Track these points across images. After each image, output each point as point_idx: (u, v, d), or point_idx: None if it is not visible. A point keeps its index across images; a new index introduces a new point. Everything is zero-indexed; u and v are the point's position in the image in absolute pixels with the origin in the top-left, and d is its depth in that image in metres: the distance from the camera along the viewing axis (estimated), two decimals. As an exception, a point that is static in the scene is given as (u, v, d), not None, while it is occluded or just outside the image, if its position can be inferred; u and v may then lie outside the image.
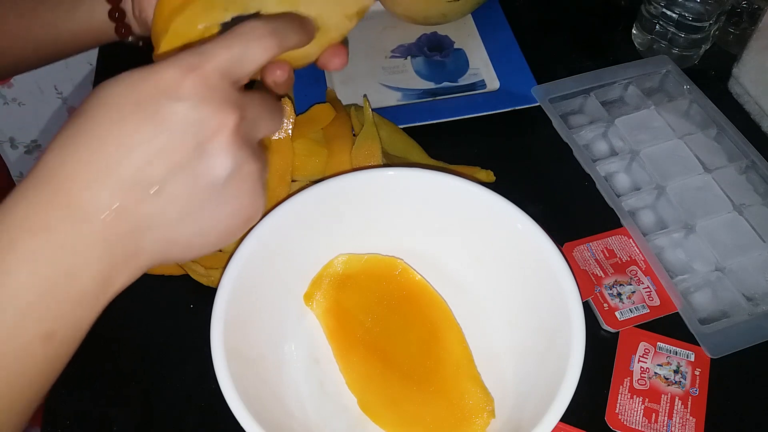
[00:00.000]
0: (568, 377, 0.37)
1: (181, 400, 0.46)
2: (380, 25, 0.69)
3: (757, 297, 0.49)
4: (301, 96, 0.60)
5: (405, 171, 0.46)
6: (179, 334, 0.48)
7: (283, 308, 0.45)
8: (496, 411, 0.42)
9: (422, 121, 0.59)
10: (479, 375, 0.44)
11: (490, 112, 0.61)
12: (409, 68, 0.65)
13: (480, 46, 0.67)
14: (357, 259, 0.48)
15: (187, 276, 0.49)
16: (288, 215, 0.44)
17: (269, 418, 0.37)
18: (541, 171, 0.58)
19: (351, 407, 0.43)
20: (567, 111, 0.61)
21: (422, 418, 0.42)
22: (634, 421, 0.44)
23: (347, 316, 0.46)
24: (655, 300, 0.49)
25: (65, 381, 0.46)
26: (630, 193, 0.55)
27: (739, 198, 0.54)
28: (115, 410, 0.45)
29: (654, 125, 0.58)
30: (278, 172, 0.50)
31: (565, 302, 0.40)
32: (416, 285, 0.47)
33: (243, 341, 0.40)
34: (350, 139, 0.52)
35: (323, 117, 0.53)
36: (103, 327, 0.49)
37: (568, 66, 0.63)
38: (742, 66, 0.61)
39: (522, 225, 0.43)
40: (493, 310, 0.46)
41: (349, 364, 0.44)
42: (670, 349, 0.47)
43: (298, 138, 0.51)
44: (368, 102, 0.54)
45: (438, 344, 0.45)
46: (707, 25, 0.61)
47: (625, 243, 0.52)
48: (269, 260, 0.43)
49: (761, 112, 0.60)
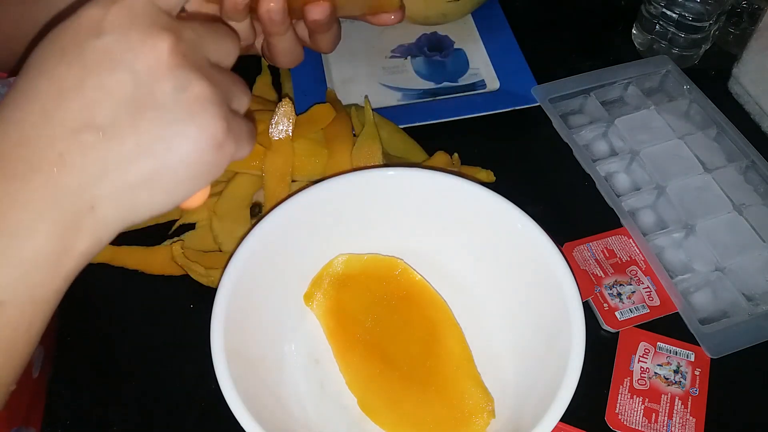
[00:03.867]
0: (568, 377, 0.37)
1: (181, 400, 0.46)
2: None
3: (757, 297, 0.49)
4: (301, 96, 0.60)
5: (405, 171, 0.46)
6: (179, 334, 0.48)
7: (283, 308, 0.45)
8: (496, 411, 0.42)
9: (422, 121, 0.59)
10: (479, 375, 0.44)
11: (490, 112, 0.61)
12: (409, 68, 0.65)
13: (480, 46, 0.67)
14: (357, 259, 0.48)
15: (187, 276, 0.49)
16: (288, 215, 0.44)
17: (269, 418, 0.37)
18: (541, 171, 0.58)
19: (351, 407, 0.43)
20: (567, 111, 0.61)
21: (422, 418, 0.42)
22: (634, 421, 0.44)
23: (347, 316, 0.46)
24: (655, 300, 0.49)
25: (65, 381, 0.46)
26: (630, 193, 0.55)
27: (739, 198, 0.54)
28: (115, 410, 0.45)
29: (654, 125, 0.58)
30: (278, 172, 0.50)
31: (565, 302, 0.40)
32: (416, 285, 0.47)
33: (243, 341, 0.40)
34: (350, 139, 0.52)
35: (323, 117, 0.53)
36: (103, 327, 0.50)
37: (568, 66, 0.63)
38: (742, 66, 0.61)
39: (522, 225, 0.43)
40: (493, 310, 0.46)
41: (349, 364, 0.44)
42: (670, 349, 0.47)
43: (298, 138, 0.51)
44: (369, 102, 0.54)
45: (438, 344, 0.45)
46: (707, 25, 0.61)
47: (625, 243, 0.52)
48: (269, 260, 0.43)
49: (761, 112, 0.60)
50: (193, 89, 0.28)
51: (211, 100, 0.28)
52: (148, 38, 0.27)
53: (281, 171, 0.50)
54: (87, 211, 0.27)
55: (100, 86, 0.27)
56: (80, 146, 0.26)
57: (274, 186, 0.50)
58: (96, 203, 0.27)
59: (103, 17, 0.27)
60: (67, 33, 0.27)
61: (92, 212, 0.27)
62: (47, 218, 0.26)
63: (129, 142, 0.27)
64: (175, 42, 0.27)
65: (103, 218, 0.28)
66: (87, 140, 0.26)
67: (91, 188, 0.27)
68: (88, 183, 0.27)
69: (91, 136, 0.26)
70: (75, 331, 0.49)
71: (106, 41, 0.27)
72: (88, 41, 0.27)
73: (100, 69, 0.27)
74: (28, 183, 0.26)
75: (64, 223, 0.27)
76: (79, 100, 0.26)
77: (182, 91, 0.27)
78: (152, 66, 0.27)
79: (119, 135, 0.27)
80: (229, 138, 0.29)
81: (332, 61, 0.65)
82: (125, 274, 0.50)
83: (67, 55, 0.27)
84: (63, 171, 0.26)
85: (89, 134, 0.26)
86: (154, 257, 0.51)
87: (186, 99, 0.28)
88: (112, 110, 0.27)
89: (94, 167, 0.27)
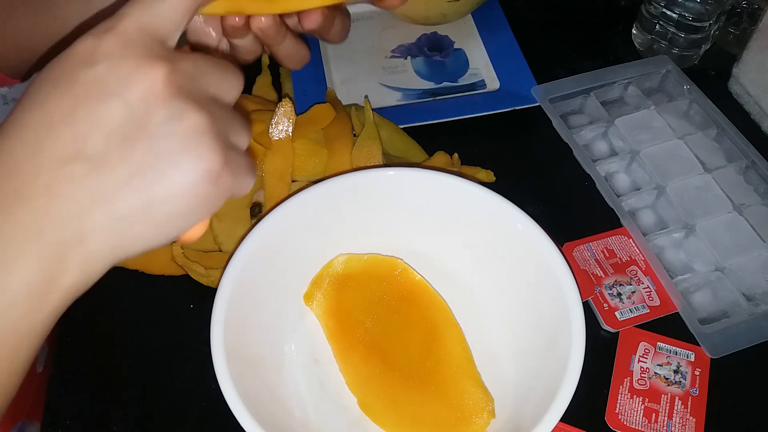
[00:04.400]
0: (568, 377, 0.37)
1: (180, 400, 0.46)
2: (380, 25, 0.69)
3: (757, 297, 0.49)
4: (301, 96, 0.60)
5: (405, 171, 0.46)
6: (179, 334, 0.48)
7: (283, 308, 0.45)
8: (496, 411, 0.42)
9: (422, 121, 0.59)
10: (479, 375, 0.44)
11: (490, 112, 0.61)
12: (409, 68, 0.65)
13: (480, 46, 0.67)
14: (357, 259, 0.48)
15: (187, 276, 0.49)
16: (288, 215, 0.44)
17: (269, 418, 0.37)
18: (541, 171, 0.58)
19: (351, 407, 0.43)
20: (567, 111, 0.61)
21: (422, 418, 0.42)
22: (634, 421, 0.44)
23: (347, 316, 0.46)
24: (655, 300, 0.49)
25: (65, 381, 0.46)
26: (630, 193, 0.55)
27: (739, 198, 0.54)
28: (115, 410, 0.45)
29: (654, 125, 0.58)
30: (278, 172, 0.50)
31: (565, 302, 0.40)
32: (416, 285, 0.47)
33: (243, 341, 0.40)
34: (350, 139, 0.52)
35: (323, 117, 0.53)
36: (104, 327, 0.50)
37: (568, 66, 0.63)
38: (742, 66, 0.61)
39: (522, 225, 0.44)
40: (493, 310, 0.46)
41: (349, 364, 0.44)
42: (670, 349, 0.47)
43: (298, 138, 0.51)
44: (369, 102, 0.54)
45: (438, 344, 0.45)
46: (707, 25, 0.61)
47: (625, 243, 0.52)
48: (269, 260, 0.43)
49: (761, 112, 0.60)
50: (189, 120, 0.27)
51: (207, 132, 0.27)
52: (140, 67, 0.26)
53: (281, 171, 0.50)
54: (75, 244, 0.26)
55: (90, 116, 0.26)
56: (68, 177, 0.26)
57: (274, 186, 0.50)
58: (85, 236, 0.26)
59: (97, 47, 0.27)
60: (62, 63, 0.27)
61: (80, 245, 0.26)
62: (33, 250, 0.26)
63: (119, 173, 0.26)
64: (170, 71, 0.27)
65: (92, 251, 0.27)
66: (75, 171, 0.26)
67: (79, 220, 0.26)
68: (76, 215, 0.26)
69: (79, 166, 0.26)
70: (75, 331, 0.49)
71: (97, 71, 0.26)
72: (81, 71, 0.26)
73: (90, 99, 0.26)
74: (14, 214, 0.25)
75: (50, 255, 0.26)
76: (70, 131, 0.26)
77: (176, 122, 0.26)
78: (145, 95, 0.26)
79: (109, 166, 0.26)
80: (225, 171, 0.28)
81: (332, 61, 0.65)
82: (125, 274, 0.50)
83: (60, 86, 0.26)
84: (50, 202, 0.26)
85: (78, 165, 0.26)
86: (154, 257, 0.51)
87: (180, 130, 0.27)
88: (102, 141, 0.26)
89: (82, 199, 0.26)
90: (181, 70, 0.27)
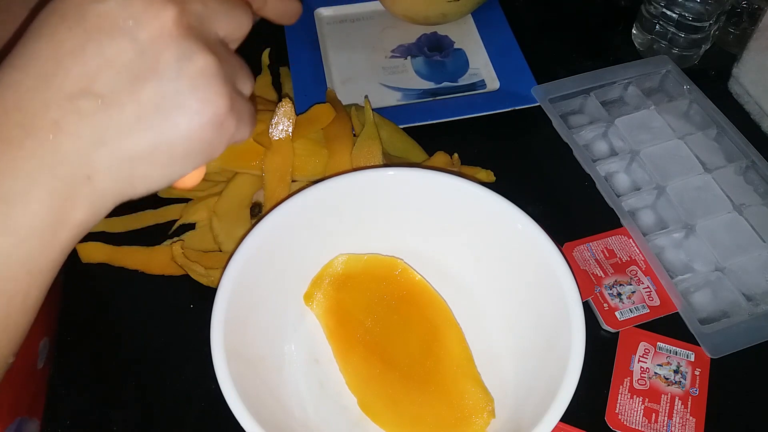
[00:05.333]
0: (568, 377, 0.37)
1: (180, 400, 0.46)
2: (380, 25, 0.69)
3: (757, 297, 0.49)
4: (301, 96, 0.60)
5: (405, 171, 0.46)
6: (179, 334, 0.48)
7: (283, 308, 0.45)
8: (496, 411, 0.42)
9: (422, 121, 0.59)
10: (479, 375, 0.44)
11: (490, 112, 0.61)
12: (409, 68, 0.65)
13: (480, 46, 0.67)
14: (357, 259, 0.48)
15: (187, 276, 0.49)
16: (288, 215, 0.44)
17: (269, 418, 0.37)
18: (541, 171, 0.58)
19: (351, 407, 0.43)
20: (567, 111, 0.61)
21: (422, 418, 0.42)
22: (634, 421, 0.44)
23: (347, 316, 0.46)
24: (655, 300, 0.49)
25: (65, 380, 0.46)
26: (630, 193, 0.55)
27: (739, 198, 0.54)
28: (115, 410, 0.45)
29: (654, 125, 0.58)
30: (278, 172, 0.50)
31: (565, 302, 0.40)
32: (416, 285, 0.47)
33: (243, 341, 0.40)
34: (350, 139, 0.52)
35: (323, 117, 0.53)
36: (104, 327, 0.50)
37: (568, 66, 0.63)
38: (742, 66, 0.61)
39: (522, 225, 0.44)
40: (493, 310, 0.46)
41: (349, 364, 0.44)
42: (670, 349, 0.47)
43: (298, 138, 0.51)
44: (369, 102, 0.54)
45: (438, 344, 0.45)
46: (707, 25, 0.61)
47: (625, 243, 0.52)
48: (269, 260, 0.43)
49: (761, 112, 0.60)
50: (198, 62, 0.27)
51: (216, 74, 0.27)
52: (151, 6, 0.26)
53: (281, 171, 0.50)
54: (83, 181, 0.26)
55: (101, 53, 0.26)
56: (77, 113, 0.26)
57: (274, 186, 0.50)
58: (93, 173, 0.26)
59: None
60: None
61: (89, 182, 0.26)
62: (42, 185, 0.25)
63: (128, 112, 0.26)
64: (180, 12, 0.26)
65: (100, 189, 0.27)
66: (84, 107, 0.26)
67: (87, 157, 0.26)
68: (85, 151, 0.26)
69: (89, 103, 0.26)
70: (75, 330, 0.49)
71: (108, 6, 0.26)
72: (91, 5, 0.26)
73: (101, 35, 0.26)
74: (22, 149, 0.25)
75: (59, 191, 0.26)
76: (79, 66, 0.26)
77: (186, 63, 0.26)
78: (155, 35, 0.26)
79: (118, 104, 0.26)
80: (231, 116, 0.28)
81: (332, 61, 0.65)
82: (125, 274, 0.50)
83: (69, 19, 0.26)
84: (58, 137, 0.25)
85: (87, 101, 0.26)
86: (154, 257, 0.51)
87: (190, 71, 0.26)
88: (111, 78, 0.26)
89: (91, 135, 0.26)
90: (190, 11, 0.27)
